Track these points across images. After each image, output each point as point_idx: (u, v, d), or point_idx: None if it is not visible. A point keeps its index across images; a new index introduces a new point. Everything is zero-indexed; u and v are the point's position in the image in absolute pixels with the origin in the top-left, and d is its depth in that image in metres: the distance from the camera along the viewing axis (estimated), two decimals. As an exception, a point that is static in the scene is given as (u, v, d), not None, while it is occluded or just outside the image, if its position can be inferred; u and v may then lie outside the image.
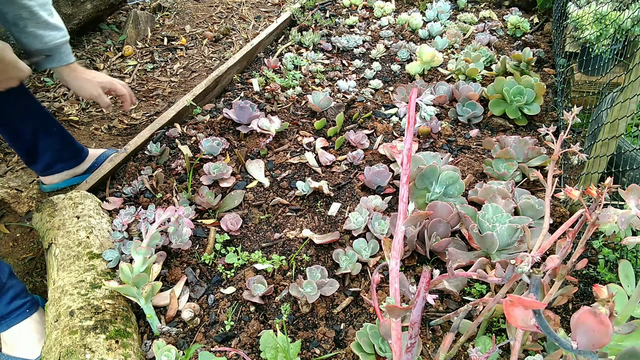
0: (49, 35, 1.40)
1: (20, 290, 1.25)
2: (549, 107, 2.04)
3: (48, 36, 1.40)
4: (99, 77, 1.57)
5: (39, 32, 1.39)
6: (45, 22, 1.38)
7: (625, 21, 1.81)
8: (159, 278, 1.31)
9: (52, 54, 1.45)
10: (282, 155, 1.77)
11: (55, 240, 1.32)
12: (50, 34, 1.40)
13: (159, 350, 1.09)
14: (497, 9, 3.00)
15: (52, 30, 1.40)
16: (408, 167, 0.75)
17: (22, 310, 1.22)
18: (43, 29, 1.39)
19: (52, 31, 1.40)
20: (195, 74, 2.54)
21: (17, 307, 1.22)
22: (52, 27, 1.40)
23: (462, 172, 1.65)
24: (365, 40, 2.61)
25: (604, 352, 0.79)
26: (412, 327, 0.74)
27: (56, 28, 1.41)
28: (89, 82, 1.53)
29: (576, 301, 1.25)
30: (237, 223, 1.46)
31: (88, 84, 1.53)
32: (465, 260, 1.25)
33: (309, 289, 1.21)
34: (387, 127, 1.89)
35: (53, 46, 1.42)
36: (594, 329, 0.52)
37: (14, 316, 1.21)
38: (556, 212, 1.46)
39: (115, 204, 1.53)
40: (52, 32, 1.40)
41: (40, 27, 1.39)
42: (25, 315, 1.22)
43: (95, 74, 1.57)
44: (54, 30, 1.40)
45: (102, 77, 1.58)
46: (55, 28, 1.41)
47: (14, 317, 1.21)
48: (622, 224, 0.69)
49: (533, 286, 0.59)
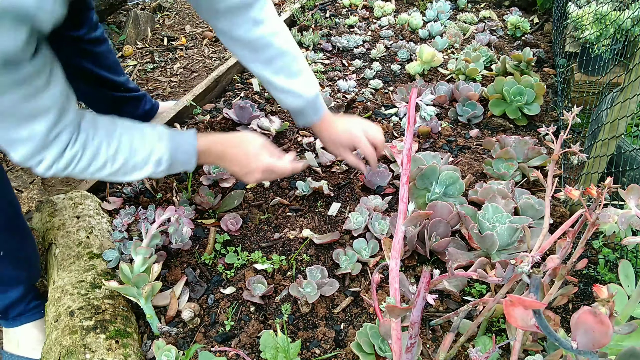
0: (286, 99, 1.33)
1: (38, 292, 1.28)
2: (549, 107, 2.04)
3: (285, 100, 1.34)
4: (353, 128, 1.36)
5: (278, 96, 1.34)
6: (281, 88, 1.31)
7: (625, 21, 1.81)
8: (159, 278, 1.31)
9: (295, 115, 1.40)
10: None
11: (55, 240, 1.32)
12: (287, 99, 1.33)
13: (159, 350, 1.09)
14: (497, 9, 3.00)
15: (290, 95, 1.31)
16: (408, 167, 0.75)
17: (37, 311, 1.24)
18: (280, 93, 1.33)
19: (289, 96, 1.32)
20: (195, 74, 2.54)
21: (34, 307, 1.24)
22: (286, 91, 1.31)
23: (462, 172, 1.65)
24: (365, 40, 2.61)
25: (604, 352, 0.79)
26: (412, 327, 0.74)
27: (292, 93, 1.31)
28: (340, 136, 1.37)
29: (576, 301, 1.25)
30: (237, 223, 1.46)
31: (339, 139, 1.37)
32: (465, 260, 1.25)
33: (309, 289, 1.21)
34: (387, 127, 1.89)
35: (293, 108, 1.36)
36: (594, 329, 0.52)
37: (29, 314, 1.23)
38: (556, 212, 1.46)
39: (115, 204, 1.53)
40: (289, 97, 1.32)
41: (277, 91, 1.33)
42: (38, 316, 1.24)
43: (348, 123, 1.37)
44: (291, 95, 1.31)
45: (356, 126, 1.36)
46: (291, 93, 1.31)
47: (29, 316, 1.23)
48: (622, 224, 0.69)
49: (533, 286, 0.59)
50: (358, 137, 1.35)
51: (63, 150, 0.93)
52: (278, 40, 1.25)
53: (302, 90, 1.30)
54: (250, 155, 1.18)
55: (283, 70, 1.29)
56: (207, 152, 1.17)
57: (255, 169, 1.19)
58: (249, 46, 1.26)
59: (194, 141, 1.13)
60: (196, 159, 1.14)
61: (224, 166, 1.23)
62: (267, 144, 1.23)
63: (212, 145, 1.17)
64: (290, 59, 1.28)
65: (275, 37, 1.25)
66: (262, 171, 1.20)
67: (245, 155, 1.18)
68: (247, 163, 1.19)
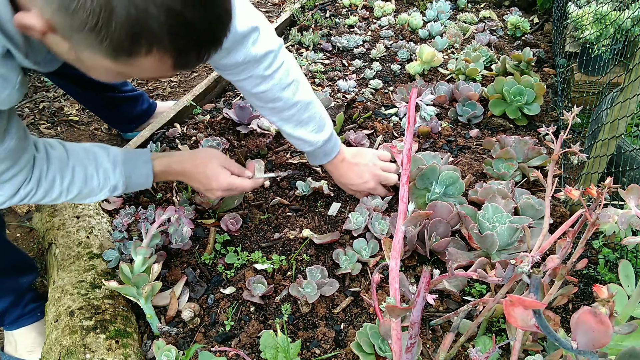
0: (297, 144, 1.37)
1: (36, 295, 1.27)
2: (549, 107, 2.04)
3: (295, 144, 1.38)
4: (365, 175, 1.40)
5: (289, 140, 1.38)
6: (289, 134, 1.34)
7: (625, 21, 1.81)
8: (159, 278, 1.31)
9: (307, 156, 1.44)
10: (282, 155, 1.77)
11: (55, 240, 1.32)
12: (297, 144, 1.37)
13: (159, 350, 1.09)
14: (497, 9, 3.00)
15: (299, 141, 1.34)
16: (408, 167, 0.75)
17: (34, 313, 1.24)
18: (290, 138, 1.36)
19: (298, 142, 1.35)
20: (195, 74, 2.54)
21: (31, 309, 1.24)
22: (295, 138, 1.33)
23: (462, 172, 1.65)
24: (365, 40, 2.61)
25: (604, 352, 0.79)
26: (412, 327, 0.74)
27: (301, 140, 1.33)
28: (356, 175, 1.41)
29: (576, 301, 1.25)
30: (237, 223, 1.46)
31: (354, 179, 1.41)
32: (465, 260, 1.25)
33: (309, 289, 1.21)
34: (387, 127, 1.89)
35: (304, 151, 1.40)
36: (594, 329, 0.52)
37: (26, 318, 1.24)
38: (556, 212, 1.46)
39: (115, 203, 1.53)
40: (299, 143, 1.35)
41: (287, 136, 1.36)
42: (36, 318, 1.24)
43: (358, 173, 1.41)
44: (300, 141, 1.34)
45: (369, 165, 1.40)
46: (300, 140, 1.33)
47: (25, 319, 1.23)
48: (622, 224, 0.69)
49: (533, 286, 0.59)
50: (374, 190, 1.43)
51: (17, 190, 0.95)
52: (287, 94, 1.25)
53: (311, 138, 1.32)
54: (209, 176, 1.22)
55: (292, 120, 1.30)
56: (166, 172, 1.21)
57: (217, 188, 1.24)
58: (257, 97, 1.27)
59: (148, 164, 1.16)
60: (152, 180, 1.18)
61: (186, 182, 1.28)
62: (226, 160, 1.26)
63: (170, 166, 1.21)
64: (299, 108, 1.28)
65: (284, 91, 1.24)
66: (223, 190, 1.24)
67: (205, 176, 1.22)
68: (208, 182, 1.23)
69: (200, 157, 1.24)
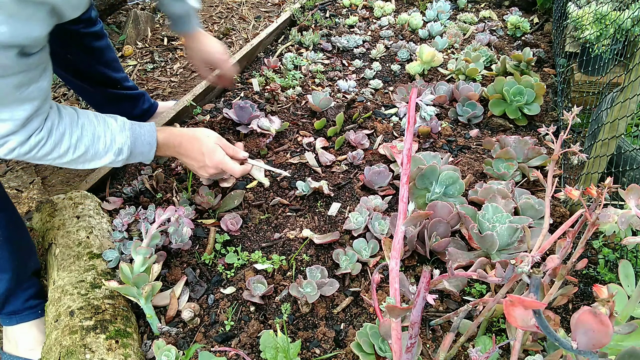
0: (173, 6, 1.46)
1: (38, 290, 1.26)
2: (549, 107, 2.04)
3: (169, 7, 1.47)
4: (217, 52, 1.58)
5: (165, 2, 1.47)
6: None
7: (625, 21, 1.81)
8: (159, 278, 1.31)
9: (175, 21, 1.52)
10: (282, 155, 1.77)
11: (55, 240, 1.32)
12: (174, 6, 1.47)
13: (159, 350, 1.09)
14: (497, 9, 3.00)
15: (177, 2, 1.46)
16: (408, 167, 0.75)
17: (35, 310, 1.23)
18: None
19: (177, 3, 1.46)
20: (195, 74, 2.54)
21: (32, 306, 1.23)
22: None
23: (462, 172, 1.65)
24: (365, 40, 2.61)
25: (604, 352, 0.79)
26: (412, 327, 0.74)
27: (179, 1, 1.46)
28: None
29: (576, 301, 1.25)
30: (237, 223, 1.46)
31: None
32: (465, 260, 1.25)
33: (309, 289, 1.21)
34: (387, 127, 1.89)
35: (176, 14, 1.49)
36: (594, 329, 0.52)
37: (27, 314, 1.22)
38: (556, 212, 1.46)
39: (115, 204, 1.53)
40: (177, 3, 1.46)
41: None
42: (36, 315, 1.23)
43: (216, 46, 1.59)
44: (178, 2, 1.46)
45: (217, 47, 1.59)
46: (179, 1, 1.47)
47: (26, 315, 1.22)
48: (622, 224, 0.69)
49: (533, 286, 0.59)
50: (222, 60, 1.57)
51: (29, 136, 0.97)
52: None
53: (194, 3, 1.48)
54: (204, 152, 1.26)
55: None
56: (166, 145, 1.24)
57: (210, 165, 1.27)
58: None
59: (154, 133, 1.20)
60: (154, 151, 1.21)
61: (180, 159, 1.31)
62: (222, 140, 1.31)
63: (170, 138, 1.25)
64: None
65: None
66: (214, 167, 1.28)
67: (200, 151, 1.26)
68: (202, 159, 1.27)
69: (197, 134, 1.28)
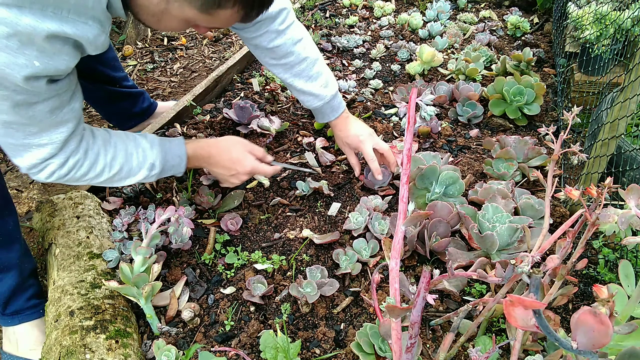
0: (306, 100, 1.48)
1: (38, 290, 1.27)
2: (549, 107, 2.04)
3: (304, 100, 1.49)
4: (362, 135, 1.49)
5: (299, 97, 1.49)
6: (300, 90, 1.45)
7: (625, 21, 1.81)
8: (159, 278, 1.31)
9: (315, 113, 1.54)
10: (282, 155, 1.77)
11: (55, 240, 1.32)
12: (307, 99, 1.48)
13: (159, 350, 1.09)
14: (497, 9, 3.00)
15: (309, 96, 1.46)
16: (408, 167, 0.75)
17: (36, 310, 1.24)
18: (300, 94, 1.47)
19: (308, 97, 1.46)
20: (195, 74, 2.54)
21: (33, 305, 1.23)
22: (306, 93, 1.45)
23: (462, 172, 1.65)
24: (365, 40, 2.61)
25: (604, 352, 0.79)
26: (412, 327, 0.74)
27: (311, 95, 1.45)
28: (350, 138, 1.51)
29: (576, 301, 1.25)
30: (237, 223, 1.46)
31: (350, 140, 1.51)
32: (465, 260, 1.25)
33: (309, 289, 1.21)
34: (387, 127, 1.89)
35: (312, 108, 1.50)
36: (594, 329, 0.52)
37: (28, 313, 1.23)
38: (556, 212, 1.46)
39: (115, 204, 1.53)
40: (309, 98, 1.46)
41: (298, 93, 1.47)
42: (37, 315, 1.24)
43: (359, 129, 1.50)
44: (309, 96, 1.46)
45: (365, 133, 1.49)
46: (310, 95, 1.45)
47: (28, 314, 1.23)
48: (622, 224, 0.69)
49: (533, 286, 0.59)
50: (363, 143, 1.48)
51: (67, 158, 1.01)
52: (298, 48, 1.39)
53: (321, 92, 1.45)
54: (234, 160, 1.30)
55: (302, 75, 1.42)
56: (195, 157, 1.28)
57: (242, 172, 1.31)
58: (271, 53, 1.40)
59: (182, 145, 1.24)
60: (185, 162, 1.25)
61: (210, 169, 1.35)
62: (249, 145, 1.34)
63: (198, 150, 1.28)
64: (308, 63, 1.42)
65: (295, 45, 1.38)
66: (247, 174, 1.32)
67: (230, 160, 1.30)
68: (233, 167, 1.30)
69: (224, 143, 1.31)
